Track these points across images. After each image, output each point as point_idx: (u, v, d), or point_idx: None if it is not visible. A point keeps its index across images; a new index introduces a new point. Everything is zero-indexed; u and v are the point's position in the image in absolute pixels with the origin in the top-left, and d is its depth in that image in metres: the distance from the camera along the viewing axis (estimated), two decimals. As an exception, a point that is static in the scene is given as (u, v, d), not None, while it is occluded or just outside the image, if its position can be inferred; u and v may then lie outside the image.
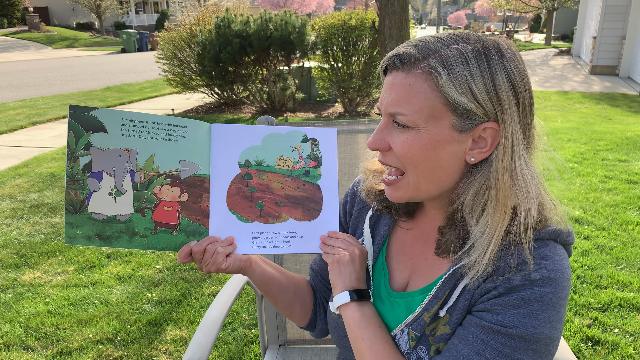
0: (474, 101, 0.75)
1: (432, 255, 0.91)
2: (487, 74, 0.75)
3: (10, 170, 5.50)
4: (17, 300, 2.90)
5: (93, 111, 0.88)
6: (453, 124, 0.77)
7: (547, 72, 14.33)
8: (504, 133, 0.76)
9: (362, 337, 0.86)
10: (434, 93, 0.76)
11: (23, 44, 28.50)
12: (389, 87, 0.80)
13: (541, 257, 0.77)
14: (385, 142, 0.82)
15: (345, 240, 0.95)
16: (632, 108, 8.74)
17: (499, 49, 0.77)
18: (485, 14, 53.36)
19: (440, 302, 0.82)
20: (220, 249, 0.92)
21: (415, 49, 0.77)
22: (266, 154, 0.96)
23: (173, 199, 0.92)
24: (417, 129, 0.78)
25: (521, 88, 0.77)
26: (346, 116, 8.26)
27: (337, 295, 0.91)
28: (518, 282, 0.76)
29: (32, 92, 11.56)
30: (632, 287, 2.89)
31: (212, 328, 1.31)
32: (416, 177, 0.81)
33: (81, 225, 0.89)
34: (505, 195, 0.76)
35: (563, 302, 0.77)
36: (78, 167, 0.88)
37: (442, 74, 0.74)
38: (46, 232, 3.83)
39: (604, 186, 4.56)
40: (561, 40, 28.76)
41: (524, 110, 0.78)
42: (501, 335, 0.76)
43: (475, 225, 0.79)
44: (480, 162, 0.79)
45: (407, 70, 0.77)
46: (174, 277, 3.13)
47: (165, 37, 8.84)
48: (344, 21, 7.85)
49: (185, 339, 2.53)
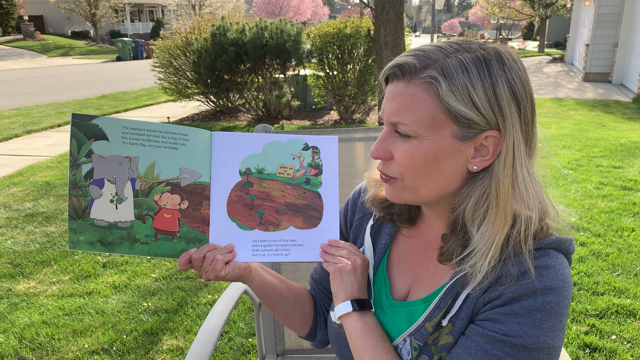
0: (475, 110, 0.75)
1: (434, 264, 0.90)
2: (487, 83, 0.75)
3: (5, 179, 5.47)
4: (12, 311, 2.87)
5: (95, 119, 0.89)
6: (454, 133, 0.77)
7: (541, 79, 14.43)
8: (506, 141, 0.76)
9: (364, 347, 0.86)
10: (434, 103, 0.76)
11: (18, 52, 28.45)
12: (390, 96, 0.80)
13: (543, 266, 0.77)
14: (387, 151, 0.83)
15: (347, 249, 0.95)
16: (626, 115, 8.80)
17: (500, 57, 0.77)
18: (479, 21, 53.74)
19: (442, 311, 0.82)
20: (219, 256, 0.92)
21: (416, 59, 0.77)
22: (267, 162, 0.96)
23: (173, 206, 0.93)
24: (418, 138, 0.78)
25: (522, 96, 0.77)
26: (342, 124, 8.28)
27: (339, 305, 0.90)
28: (521, 292, 0.76)
29: (26, 101, 11.53)
30: (628, 293, 2.90)
31: (210, 338, 1.30)
32: (415, 184, 0.82)
33: (84, 231, 0.91)
34: (505, 202, 0.77)
35: (565, 311, 0.77)
36: (80, 175, 0.90)
37: (442, 84, 0.75)
38: (41, 241, 3.80)
39: (599, 192, 4.58)
40: (554, 48, 29.00)
41: (525, 118, 0.78)
42: (504, 345, 0.76)
43: (476, 232, 0.79)
44: (482, 170, 0.80)
45: (408, 80, 0.78)
46: (170, 286, 3.12)
47: (161, 46, 8.85)
48: (339, 29, 7.89)
49: (182, 348, 2.51)
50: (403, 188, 0.84)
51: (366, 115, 8.97)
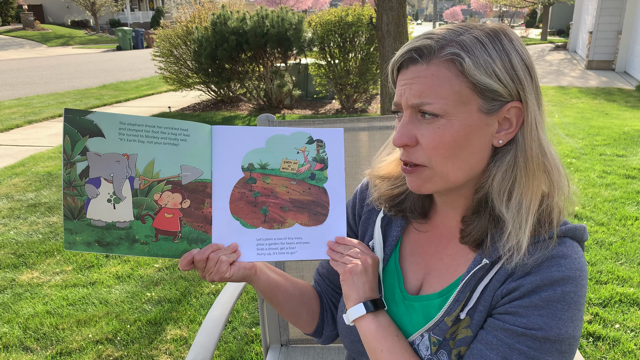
0: (498, 82, 0.76)
1: (448, 255, 0.89)
2: (504, 55, 0.77)
3: (7, 169, 5.47)
4: (16, 301, 2.88)
5: (89, 115, 0.84)
6: (481, 107, 0.77)
7: (544, 67, 14.33)
8: (528, 110, 0.78)
9: (380, 349, 0.85)
10: (459, 79, 0.76)
11: (18, 42, 28.32)
12: (410, 80, 0.78)
13: (560, 255, 0.77)
14: (412, 136, 0.80)
15: (356, 248, 0.91)
16: (629, 103, 8.75)
17: (504, 32, 0.79)
18: (481, 9, 53.34)
19: (461, 304, 0.81)
20: (223, 257, 0.89)
21: (432, 41, 0.77)
22: (270, 156, 0.93)
23: (174, 205, 0.89)
24: (447, 116, 0.77)
25: (532, 66, 0.79)
26: (343, 113, 8.25)
27: (352, 308, 0.88)
28: (540, 283, 0.76)
29: (27, 91, 11.49)
30: (632, 282, 2.89)
31: (215, 328, 1.30)
32: (444, 168, 0.80)
33: (80, 231, 0.87)
34: (535, 170, 0.78)
35: (583, 300, 0.77)
36: (75, 173, 0.85)
37: (466, 59, 0.75)
38: (44, 231, 3.81)
39: (602, 181, 4.56)
40: (557, 36, 28.76)
41: (537, 88, 0.80)
42: (527, 338, 0.75)
43: (506, 208, 0.78)
44: (506, 144, 0.80)
45: (427, 61, 0.77)
46: (173, 276, 3.12)
47: (161, 35, 8.80)
48: (340, 17, 7.83)
49: (186, 338, 2.52)
50: (431, 175, 0.81)
51: (368, 104, 8.93)
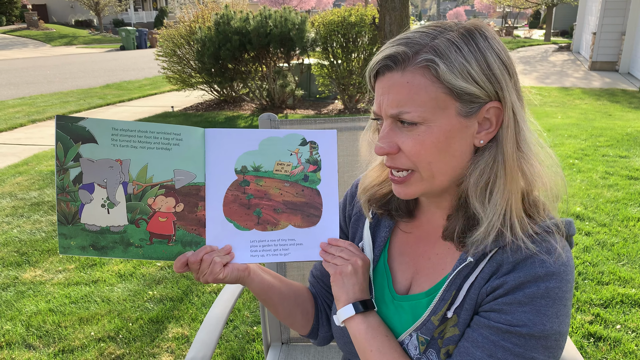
0: (474, 84, 0.76)
1: (435, 254, 0.90)
2: (479, 56, 0.76)
3: (10, 168, 5.50)
4: (19, 299, 2.90)
5: (81, 121, 0.85)
6: (459, 111, 0.77)
7: (547, 68, 14.30)
8: (506, 109, 0.78)
9: (370, 349, 0.85)
10: (435, 85, 0.76)
11: (22, 41, 28.41)
12: (386, 89, 0.79)
13: (544, 251, 0.77)
14: (394, 145, 0.81)
15: (347, 250, 0.92)
16: (633, 104, 8.72)
17: (480, 31, 0.79)
18: (484, 10, 53.24)
19: (447, 303, 0.82)
20: (217, 258, 0.90)
21: (405, 47, 0.77)
22: (263, 158, 0.93)
23: (168, 209, 0.90)
24: (426, 123, 0.77)
25: (508, 62, 0.79)
26: (346, 113, 8.25)
27: (341, 309, 0.89)
28: (523, 279, 0.76)
29: (31, 90, 11.54)
30: (633, 283, 2.89)
31: (215, 326, 1.31)
32: (430, 172, 0.80)
33: (75, 236, 0.88)
34: (513, 166, 0.78)
35: (569, 295, 0.77)
36: (68, 179, 0.86)
37: (440, 64, 0.75)
38: (47, 230, 3.83)
39: (604, 182, 4.56)
40: (561, 36, 28.70)
41: (516, 84, 0.80)
42: (511, 335, 0.75)
43: (480, 204, 0.79)
44: (487, 142, 0.80)
45: (402, 68, 0.77)
46: (175, 275, 3.13)
47: (165, 35, 8.82)
48: (343, 18, 7.83)
49: (187, 336, 2.53)
50: (419, 180, 0.82)
51: (370, 104, 8.88)
